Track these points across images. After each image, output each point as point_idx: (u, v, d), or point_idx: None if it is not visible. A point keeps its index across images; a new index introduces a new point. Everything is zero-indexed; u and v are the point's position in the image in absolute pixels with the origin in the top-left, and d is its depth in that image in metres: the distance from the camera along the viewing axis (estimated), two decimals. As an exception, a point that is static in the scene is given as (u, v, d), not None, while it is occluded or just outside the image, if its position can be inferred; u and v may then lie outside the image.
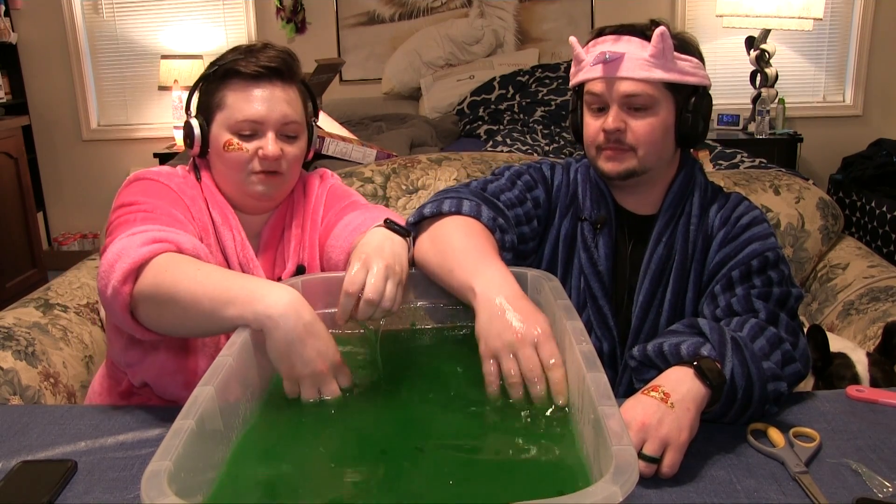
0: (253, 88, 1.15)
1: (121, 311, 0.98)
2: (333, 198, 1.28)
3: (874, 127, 4.10)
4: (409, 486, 0.72)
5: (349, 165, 2.07)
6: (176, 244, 1.00)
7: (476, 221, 1.10)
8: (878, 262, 1.80)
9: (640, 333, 1.20)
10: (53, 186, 4.64)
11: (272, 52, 1.17)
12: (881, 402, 1.04)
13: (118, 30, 4.46)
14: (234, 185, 1.18)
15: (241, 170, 1.15)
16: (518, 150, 3.10)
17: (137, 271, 0.96)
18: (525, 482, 0.71)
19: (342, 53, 4.40)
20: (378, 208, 1.25)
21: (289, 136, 1.18)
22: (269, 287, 0.88)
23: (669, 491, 0.85)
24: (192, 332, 1.03)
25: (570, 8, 4.26)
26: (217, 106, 1.17)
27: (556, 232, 1.24)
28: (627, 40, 1.14)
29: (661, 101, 1.14)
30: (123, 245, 0.98)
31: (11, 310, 1.55)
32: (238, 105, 1.14)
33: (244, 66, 1.14)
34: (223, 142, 1.15)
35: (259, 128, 1.15)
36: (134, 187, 1.14)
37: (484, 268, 0.96)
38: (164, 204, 1.11)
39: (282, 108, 1.15)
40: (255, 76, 1.14)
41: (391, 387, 0.91)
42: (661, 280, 1.19)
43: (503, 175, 1.25)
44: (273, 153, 1.14)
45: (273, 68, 1.15)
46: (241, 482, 0.72)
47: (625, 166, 1.16)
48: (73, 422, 1.03)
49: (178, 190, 1.16)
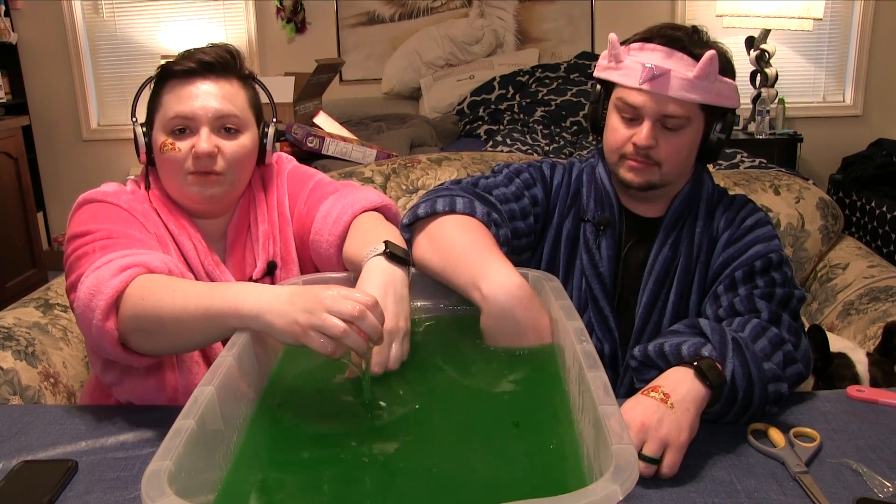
0: (186, 85, 1.12)
1: (112, 347, 0.97)
2: (295, 183, 1.25)
3: (874, 127, 4.10)
4: (408, 483, 0.72)
5: (349, 165, 2.07)
6: (145, 266, 0.98)
7: (472, 218, 1.10)
8: (878, 262, 1.80)
9: (643, 335, 1.19)
10: (53, 186, 4.64)
11: (210, 50, 1.14)
12: (881, 402, 1.04)
13: (118, 30, 4.46)
14: (176, 189, 1.14)
15: (178, 171, 1.12)
16: (518, 150, 3.09)
17: (116, 304, 0.95)
18: (525, 481, 0.71)
19: (342, 53, 4.40)
20: (348, 187, 1.22)
21: (227, 130, 1.13)
22: (248, 289, 0.86)
23: (669, 491, 0.85)
24: (189, 348, 1.02)
25: (570, 8, 4.26)
26: (155, 108, 1.14)
27: (556, 232, 1.24)
28: (678, 58, 1.10)
29: (694, 120, 1.13)
30: (92, 281, 0.96)
31: (11, 310, 1.55)
32: (171, 103, 1.12)
33: (177, 64, 1.12)
34: (159, 143, 1.12)
35: (191, 124, 1.11)
36: (83, 214, 1.10)
37: (489, 265, 0.97)
38: (118, 227, 1.07)
39: (215, 102, 1.11)
40: (187, 73, 1.12)
41: (390, 384, 0.91)
42: (664, 282, 1.19)
43: (500, 173, 1.25)
44: (205, 150, 1.09)
45: (206, 62, 1.12)
46: (241, 482, 0.72)
47: (647, 179, 1.15)
48: (74, 422, 1.03)
49: (129, 208, 1.12)
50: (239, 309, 0.85)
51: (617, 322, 1.20)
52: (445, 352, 1.00)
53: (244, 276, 1.20)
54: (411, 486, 0.72)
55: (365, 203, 1.15)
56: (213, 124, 1.12)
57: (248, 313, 0.84)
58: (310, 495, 0.71)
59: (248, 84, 1.18)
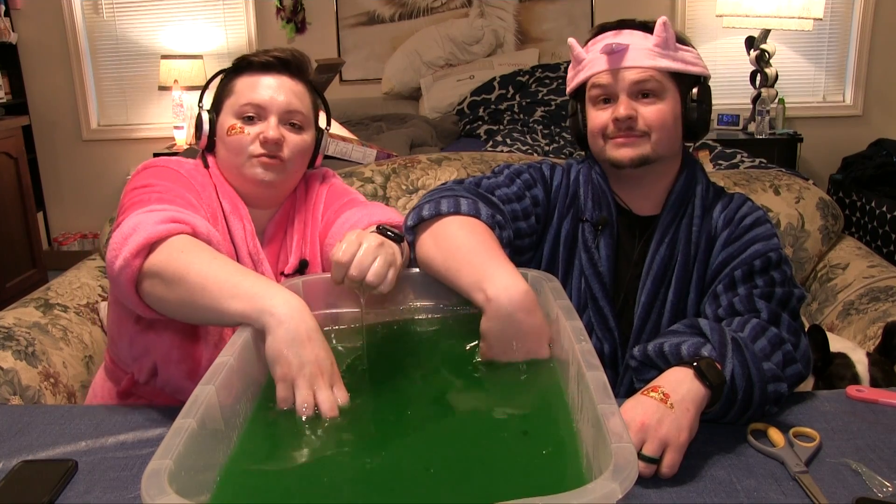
0: (260, 76, 1.19)
1: (126, 283, 0.97)
2: (333, 196, 1.29)
3: (874, 127, 4.10)
4: (407, 483, 0.72)
5: (349, 165, 2.07)
6: (192, 226, 1.01)
7: (476, 220, 1.10)
8: (878, 262, 1.80)
9: (642, 334, 1.19)
10: (53, 186, 4.64)
11: (286, 50, 1.22)
12: (881, 402, 1.04)
13: (118, 30, 4.46)
14: (237, 170, 1.19)
15: (242, 152, 1.17)
16: (518, 150, 3.10)
17: (151, 247, 0.97)
18: (524, 480, 0.71)
19: (342, 53, 4.40)
20: (377, 206, 1.25)
21: (293, 125, 1.20)
22: (277, 289, 0.88)
23: (669, 491, 0.85)
24: (193, 317, 1.02)
25: (570, 8, 4.26)
26: (227, 95, 1.21)
27: (556, 232, 1.25)
28: (629, 33, 1.16)
29: (668, 89, 1.16)
30: (140, 220, 0.99)
31: (11, 310, 1.55)
32: (244, 91, 1.19)
33: (256, 57, 1.20)
34: (227, 126, 1.18)
35: (262, 112, 1.17)
36: (147, 172, 1.16)
37: (494, 268, 0.97)
38: (177, 187, 1.12)
39: (287, 96, 1.18)
40: (264, 65, 1.20)
41: (388, 384, 0.91)
42: (663, 281, 1.19)
43: (502, 173, 1.25)
44: (274, 136, 1.15)
45: (283, 59, 1.20)
46: (241, 482, 0.72)
47: (638, 152, 1.16)
48: (73, 422, 1.03)
49: (189, 176, 1.18)
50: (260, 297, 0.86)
51: (616, 321, 1.20)
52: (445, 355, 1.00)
53: (276, 270, 1.24)
54: (410, 486, 0.72)
55: (383, 218, 1.17)
56: (281, 116, 1.18)
57: (267, 307, 0.85)
58: (309, 495, 0.71)
59: (312, 90, 1.26)
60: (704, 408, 0.93)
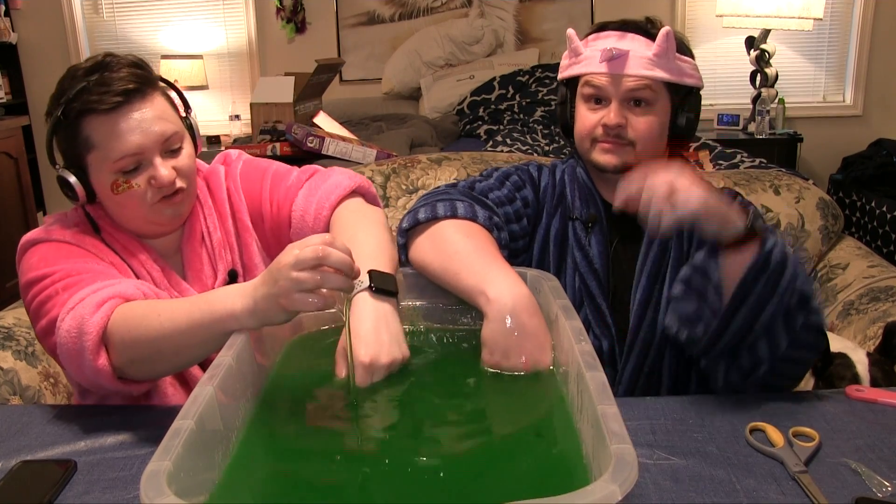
0: (117, 120, 1.03)
1: (109, 383, 0.96)
2: (250, 182, 1.21)
3: (874, 127, 4.10)
4: (408, 485, 0.72)
5: (349, 165, 2.07)
6: (121, 296, 0.96)
7: (473, 223, 1.10)
8: (878, 262, 1.80)
9: (639, 331, 1.20)
10: (53, 186, 4.64)
11: (122, 73, 1.04)
12: (881, 401, 1.04)
13: (118, 30, 4.46)
14: (139, 221, 1.10)
15: (140, 206, 1.07)
16: (518, 150, 3.09)
17: (103, 340, 0.94)
18: (524, 481, 0.71)
19: (342, 53, 4.40)
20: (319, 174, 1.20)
21: (173, 150, 1.09)
22: (228, 292, 0.88)
23: (669, 490, 0.85)
24: (190, 363, 1.01)
25: (570, 8, 4.26)
26: (85, 149, 1.05)
27: (545, 232, 1.25)
28: (632, 38, 1.15)
29: (661, 98, 1.17)
30: (71, 322, 0.94)
31: (11, 310, 1.55)
32: (109, 144, 1.03)
33: (97, 101, 1.01)
34: (109, 184, 1.05)
35: (141, 158, 1.05)
36: (31, 257, 1.05)
37: (494, 272, 0.97)
38: (74, 264, 1.03)
39: (157, 126, 1.05)
40: (114, 107, 1.02)
41: (389, 386, 0.91)
42: (657, 277, 1.20)
43: (491, 176, 1.26)
44: (167, 178, 1.05)
45: (129, 90, 1.03)
46: (240, 483, 0.72)
47: (622, 160, 1.18)
48: (73, 422, 1.03)
49: (77, 242, 1.08)
50: (232, 310, 0.86)
51: (613, 317, 1.21)
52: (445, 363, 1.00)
53: (206, 289, 1.15)
54: (410, 485, 0.72)
55: (339, 191, 1.14)
56: (161, 149, 1.07)
57: (242, 311, 0.85)
58: (310, 495, 0.71)
59: (164, 91, 1.12)
60: (732, 269, 0.97)
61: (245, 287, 0.87)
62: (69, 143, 1.06)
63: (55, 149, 1.08)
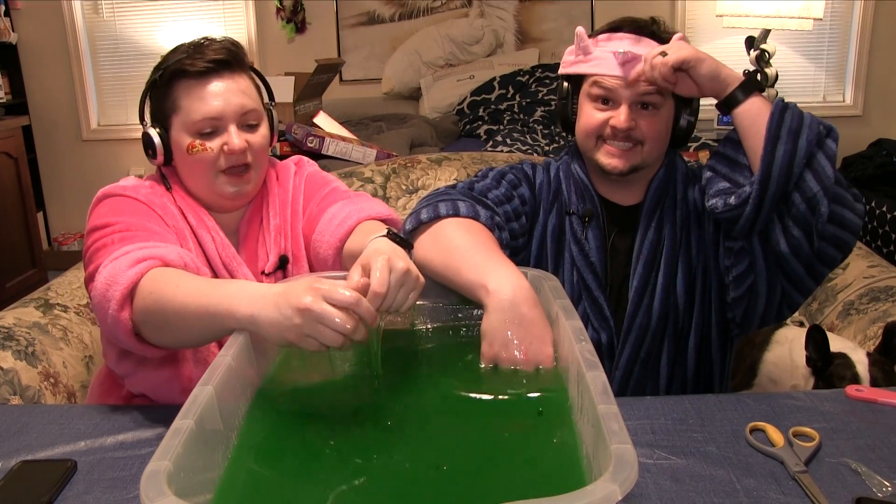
0: (204, 85, 1.12)
1: (126, 336, 0.98)
2: (313, 185, 1.26)
3: (874, 127, 4.10)
4: (407, 483, 0.72)
5: (349, 165, 2.07)
6: (161, 259, 0.99)
7: (475, 221, 1.11)
8: (878, 262, 1.80)
9: (635, 320, 1.21)
10: (53, 186, 4.64)
11: (216, 45, 1.14)
12: (881, 401, 1.04)
13: (118, 30, 4.46)
14: (205, 186, 1.16)
15: (209, 170, 1.14)
16: (518, 150, 3.09)
17: (131, 294, 0.96)
18: (524, 481, 0.71)
19: (342, 53, 4.40)
20: (361, 196, 1.23)
21: (250, 125, 1.16)
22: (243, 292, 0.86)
23: (669, 490, 0.85)
24: (192, 344, 1.03)
25: (570, 8, 4.26)
26: (171, 110, 1.14)
27: (542, 228, 1.27)
28: (647, 43, 1.17)
29: (667, 101, 1.19)
30: (110, 271, 0.98)
31: (11, 310, 1.55)
32: (193, 105, 1.12)
33: (190, 64, 1.11)
34: (185, 145, 1.13)
35: (219, 124, 1.13)
36: (102, 208, 1.12)
37: (494, 265, 0.97)
38: (137, 219, 1.09)
39: (238, 99, 1.13)
40: (203, 73, 1.12)
41: (390, 386, 0.91)
42: (653, 265, 1.22)
43: (487, 176, 1.28)
44: (239, 146, 1.12)
45: (221, 60, 1.12)
46: (240, 482, 0.72)
47: (630, 163, 1.20)
48: (73, 422, 1.03)
49: (147, 201, 1.14)
50: (234, 312, 0.86)
51: (611, 310, 1.22)
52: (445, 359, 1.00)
53: (257, 270, 1.21)
54: (409, 485, 0.72)
55: (371, 212, 1.16)
56: (239, 121, 1.14)
57: (243, 317, 0.85)
58: (309, 495, 0.71)
59: (253, 77, 1.20)
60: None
61: (258, 297, 0.84)
62: (158, 104, 1.15)
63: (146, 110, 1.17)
